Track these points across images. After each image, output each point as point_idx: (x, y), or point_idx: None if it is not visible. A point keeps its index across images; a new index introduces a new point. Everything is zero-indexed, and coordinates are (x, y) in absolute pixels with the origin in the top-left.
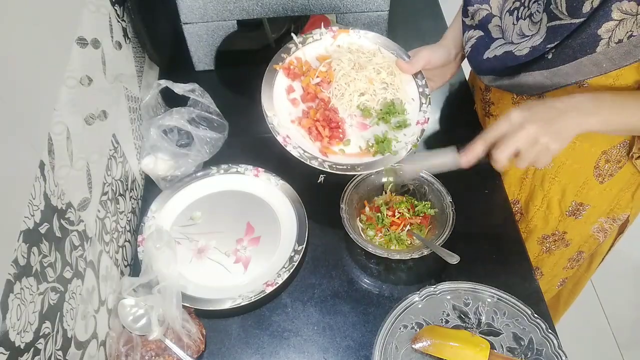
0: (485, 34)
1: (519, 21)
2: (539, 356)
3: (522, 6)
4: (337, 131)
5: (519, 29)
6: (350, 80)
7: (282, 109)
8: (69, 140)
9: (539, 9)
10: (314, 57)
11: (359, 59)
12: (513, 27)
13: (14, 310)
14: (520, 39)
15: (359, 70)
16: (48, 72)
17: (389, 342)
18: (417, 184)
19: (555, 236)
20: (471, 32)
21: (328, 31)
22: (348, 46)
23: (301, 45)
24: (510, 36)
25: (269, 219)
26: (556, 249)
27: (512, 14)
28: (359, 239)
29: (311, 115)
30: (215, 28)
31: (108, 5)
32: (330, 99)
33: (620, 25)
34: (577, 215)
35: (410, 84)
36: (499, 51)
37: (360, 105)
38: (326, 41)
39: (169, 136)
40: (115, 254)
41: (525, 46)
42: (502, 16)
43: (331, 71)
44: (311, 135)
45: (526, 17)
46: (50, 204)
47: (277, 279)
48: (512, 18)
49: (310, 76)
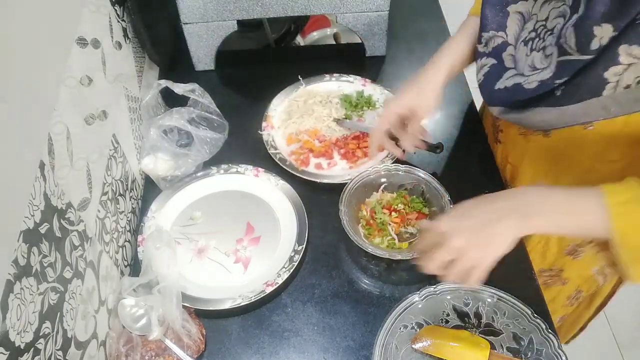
0: (499, 62)
1: (532, 53)
2: (539, 356)
3: (537, 37)
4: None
5: (531, 61)
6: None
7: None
8: (69, 140)
9: (552, 42)
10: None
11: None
12: (526, 59)
13: (14, 310)
14: (531, 72)
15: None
16: (48, 72)
17: (389, 342)
18: (415, 183)
19: (552, 272)
20: (484, 59)
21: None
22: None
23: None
24: (523, 67)
25: (269, 219)
26: (553, 284)
27: (527, 45)
28: (359, 240)
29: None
30: (215, 28)
31: (108, 5)
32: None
33: (629, 70)
34: (576, 255)
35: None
36: (509, 82)
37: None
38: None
39: (169, 136)
40: (115, 254)
41: (534, 79)
42: (517, 45)
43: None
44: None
45: (539, 50)
46: (50, 204)
47: (277, 279)
48: (527, 49)
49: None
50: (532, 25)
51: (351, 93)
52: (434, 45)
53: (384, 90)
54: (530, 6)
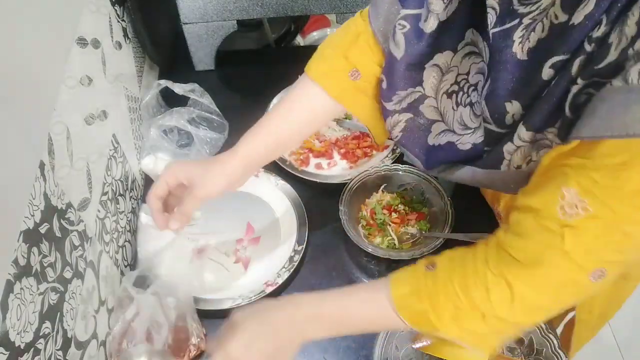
0: (416, 115)
1: (459, 107)
2: (539, 356)
3: (460, 91)
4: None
5: (460, 118)
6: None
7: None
8: (69, 140)
9: (478, 100)
10: None
11: None
12: (453, 113)
13: (14, 310)
14: (463, 131)
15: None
16: (48, 72)
17: (389, 342)
18: (415, 183)
19: None
20: (397, 116)
21: None
22: None
23: None
24: (452, 123)
25: (269, 219)
26: None
27: (451, 98)
28: (359, 240)
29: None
30: (215, 28)
31: (108, 5)
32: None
33: (517, 151)
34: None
35: None
36: (442, 139)
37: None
38: None
39: (169, 136)
40: (115, 254)
41: (467, 141)
42: (437, 97)
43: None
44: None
45: (466, 105)
46: (50, 204)
47: (277, 279)
48: (451, 102)
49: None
50: (454, 78)
51: None
52: None
53: None
54: (449, 58)
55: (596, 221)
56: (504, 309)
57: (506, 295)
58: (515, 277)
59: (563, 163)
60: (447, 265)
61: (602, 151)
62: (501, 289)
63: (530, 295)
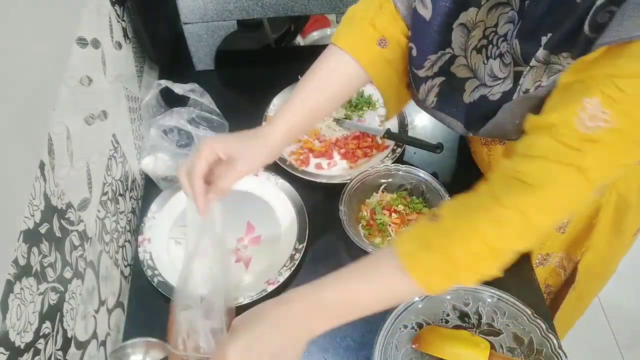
0: (448, 78)
1: (489, 61)
2: (539, 356)
3: (490, 44)
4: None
5: (490, 70)
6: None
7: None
8: (69, 140)
9: (508, 49)
10: None
11: None
12: (484, 67)
13: (14, 310)
14: (493, 82)
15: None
16: (48, 72)
17: (389, 342)
18: (415, 183)
19: None
20: (430, 82)
21: None
22: None
23: None
24: (483, 77)
25: (270, 218)
26: None
27: (480, 52)
28: (359, 240)
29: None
30: (215, 28)
31: (108, 5)
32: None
33: (530, 73)
34: (545, 263)
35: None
36: (475, 95)
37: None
38: None
39: (169, 136)
40: (115, 254)
41: (497, 91)
42: (467, 55)
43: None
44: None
45: (496, 57)
46: (50, 204)
47: (279, 277)
48: (481, 56)
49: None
50: (481, 32)
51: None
52: None
53: None
54: (473, 15)
55: (616, 135)
56: (518, 240)
57: (520, 225)
58: (529, 205)
59: (584, 76)
60: (451, 212)
61: (631, 52)
62: (514, 221)
63: (544, 219)
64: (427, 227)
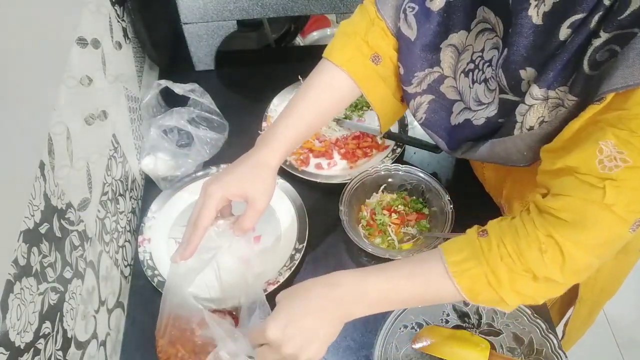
0: (438, 97)
1: (474, 85)
2: (539, 356)
3: (476, 69)
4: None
5: (475, 94)
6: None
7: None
8: (69, 140)
9: (493, 75)
10: None
11: None
12: (470, 91)
13: (14, 310)
14: (477, 106)
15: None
16: (48, 72)
17: (389, 342)
18: (415, 183)
19: None
20: (419, 98)
21: None
22: None
23: None
24: (468, 101)
25: (269, 217)
26: None
27: (468, 76)
28: (359, 240)
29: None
30: (215, 28)
31: (108, 5)
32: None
33: (530, 111)
34: None
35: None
36: (460, 118)
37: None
38: None
39: (169, 136)
40: (115, 254)
41: (481, 116)
42: (456, 77)
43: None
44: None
45: (481, 82)
46: (50, 204)
47: (279, 277)
48: (468, 80)
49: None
50: (469, 56)
51: None
52: None
53: None
54: (463, 37)
55: (635, 171)
56: (556, 270)
57: (558, 256)
58: (564, 238)
59: (597, 119)
60: (498, 230)
61: (638, 99)
62: (553, 250)
63: (579, 255)
64: (476, 240)
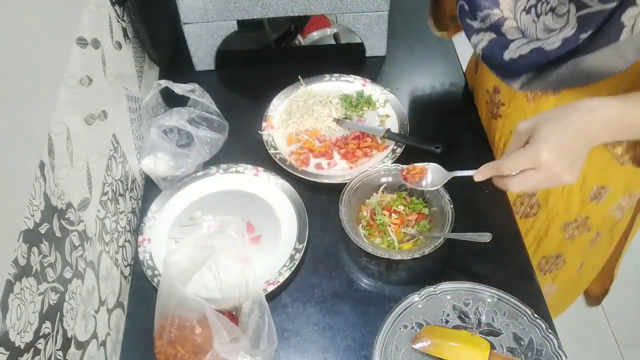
0: (498, 36)
1: (540, 17)
2: (539, 356)
3: (539, 2)
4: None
5: (542, 25)
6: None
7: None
8: (69, 140)
9: (562, 1)
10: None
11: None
12: (535, 25)
13: (14, 310)
14: (548, 34)
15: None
16: (48, 72)
17: (389, 342)
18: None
19: (578, 222)
20: (481, 34)
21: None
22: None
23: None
24: (534, 34)
25: (270, 217)
26: (579, 235)
27: (529, 12)
28: (359, 240)
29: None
30: (215, 28)
31: (108, 5)
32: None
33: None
34: (600, 199)
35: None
36: (524, 50)
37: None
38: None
39: (169, 136)
40: (115, 254)
41: (556, 39)
42: (517, 17)
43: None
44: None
45: (548, 12)
46: (50, 204)
47: (279, 277)
48: (531, 16)
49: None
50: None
51: (351, 93)
52: (434, 45)
53: (384, 90)
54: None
55: None
56: None
57: None
58: None
59: None
60: None
61: None
62: None
63: None
64: None
